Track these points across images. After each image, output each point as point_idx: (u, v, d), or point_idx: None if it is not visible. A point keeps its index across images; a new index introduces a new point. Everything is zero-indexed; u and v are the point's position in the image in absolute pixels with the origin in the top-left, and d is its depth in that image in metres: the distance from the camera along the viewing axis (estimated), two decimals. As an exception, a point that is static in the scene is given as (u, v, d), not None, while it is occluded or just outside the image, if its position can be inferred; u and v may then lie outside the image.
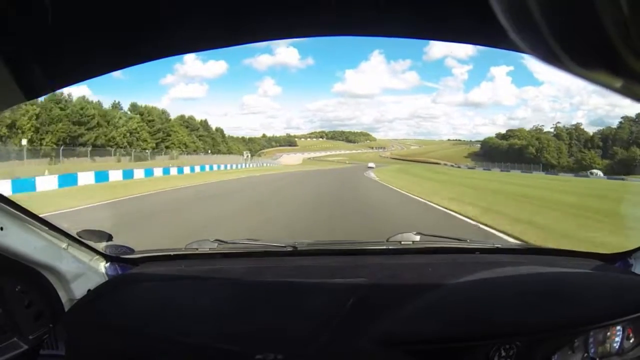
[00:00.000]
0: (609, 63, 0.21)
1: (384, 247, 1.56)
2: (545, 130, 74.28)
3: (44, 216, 1.13)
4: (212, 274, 1.33)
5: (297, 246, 1.50)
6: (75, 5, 0.63)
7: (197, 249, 1.50)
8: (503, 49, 0.76)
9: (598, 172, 47.50)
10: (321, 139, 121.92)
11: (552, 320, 1.09)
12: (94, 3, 0.64)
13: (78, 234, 1.27)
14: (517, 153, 68.06)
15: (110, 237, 1.38)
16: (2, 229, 0.96)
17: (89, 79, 0.83)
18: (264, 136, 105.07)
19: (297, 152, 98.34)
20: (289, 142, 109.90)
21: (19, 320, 1.09)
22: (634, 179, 34.30)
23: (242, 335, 1.07)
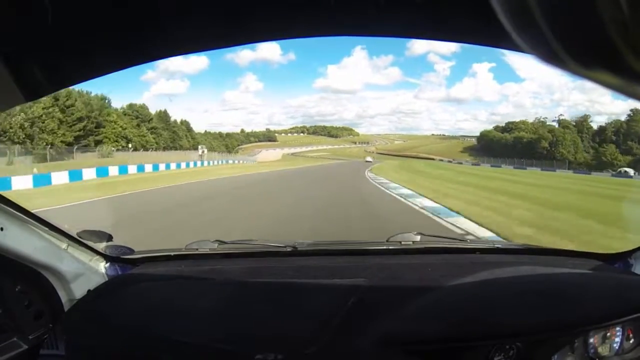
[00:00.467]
0: (610, 62, 0.21)
1: (384, 248, 1.56)
2: (548, 123, 67.02)
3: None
4: (212, 274, 1.33)
5: (297, 246, 1.50)
6: (75, 6, 0.63)
7: (197, 249, 1.50)
8: (504, 48, 0.76)
9: (629, 170, 39.75)
10: (302, 134, 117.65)
11: (552, 320, 1.09)
12: (94, 3, 0.64)
13: (78, 234, 1.27)
14: (526, 147, 59.20)
15: (110, 237, 1.38)
16: (2, 229, 0.96)
17: (89, 79, 0.83)
18: (243, 131, 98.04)
19: (277, 148, 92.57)
20: (268, 137, 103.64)
21: (19, 320, 1.09)
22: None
23: (242, 335, 1.07)
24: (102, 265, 1.33)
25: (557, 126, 63.83)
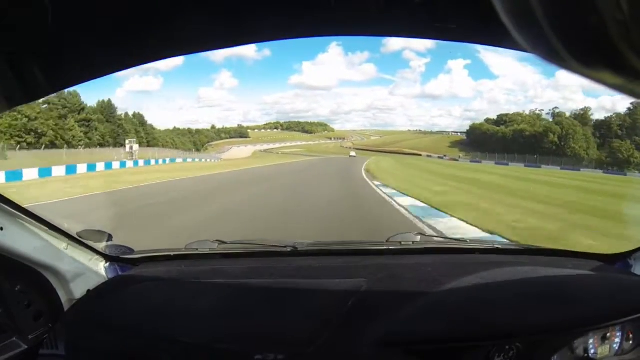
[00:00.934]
0: (611, 61, 0.21)
1: (384, 248, 1.56)
2: (543, 116, 60.44)
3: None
4: (212, 274, 1.32)
5: (297, 246, 1.50)
6: (76, 6, 0.62)
7: (197, 249, 1.50)
8: (505, 48, 0.76)
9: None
10: (276, 130, 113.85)
11: (552, 321, 1.09)
12: (94, 3, 0.64)
13: (78, 234, 1.26)
14: (530, 142, 52.28)
15: (110, 237, 1.38)
16: (2, 229, 0.96)
17: (89, 79, 0.83)
18: (214, 128, 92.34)
19: (249, 145, 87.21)
20: (240, 133, 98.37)
21: (18, 320, 1.08)
22: None
23: (242, 335, 1.07)
24: (102, 265, 1.33)
25: (551, 120, 58.69)
